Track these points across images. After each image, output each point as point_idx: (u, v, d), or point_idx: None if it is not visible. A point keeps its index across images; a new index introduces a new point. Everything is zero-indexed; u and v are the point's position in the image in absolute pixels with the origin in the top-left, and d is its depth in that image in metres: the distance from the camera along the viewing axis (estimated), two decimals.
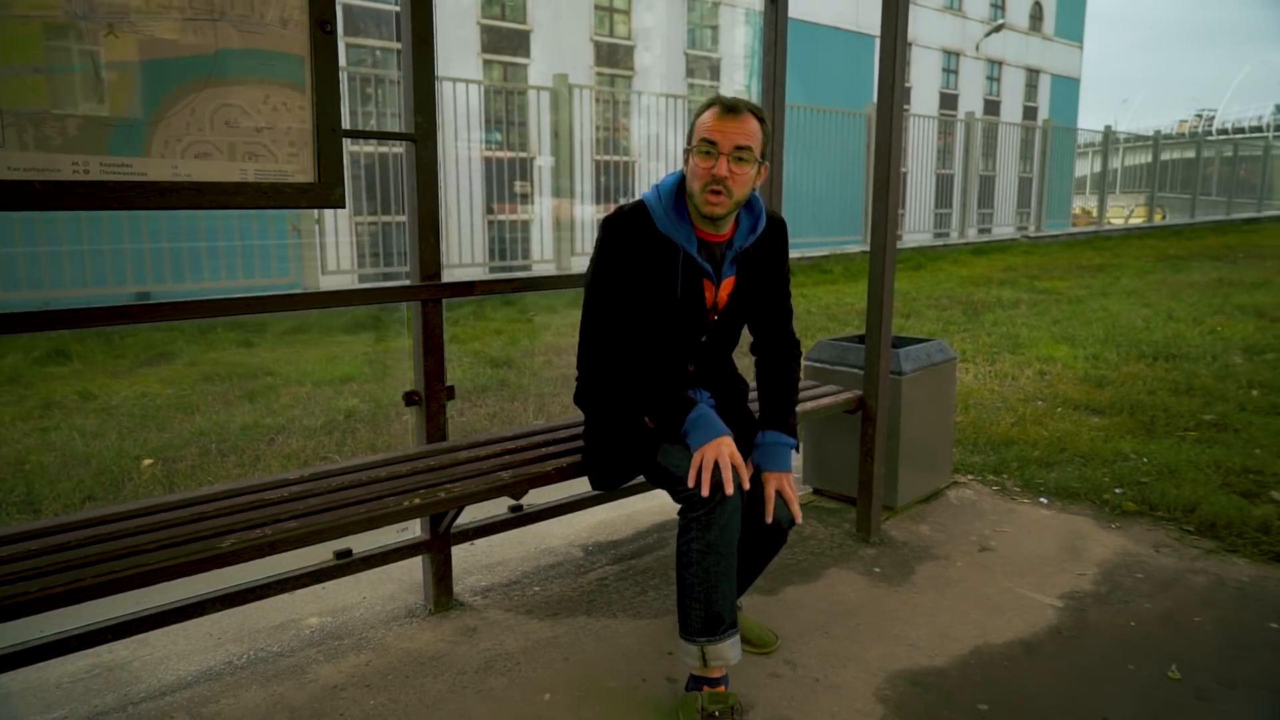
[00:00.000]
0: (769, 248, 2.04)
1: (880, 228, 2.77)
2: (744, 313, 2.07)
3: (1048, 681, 2.10)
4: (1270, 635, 2.32)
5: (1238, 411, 4.26)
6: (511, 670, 2.12)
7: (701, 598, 1.80)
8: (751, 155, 1.84)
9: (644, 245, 1.90)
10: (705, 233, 1.94)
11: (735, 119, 1.83)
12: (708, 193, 1.84)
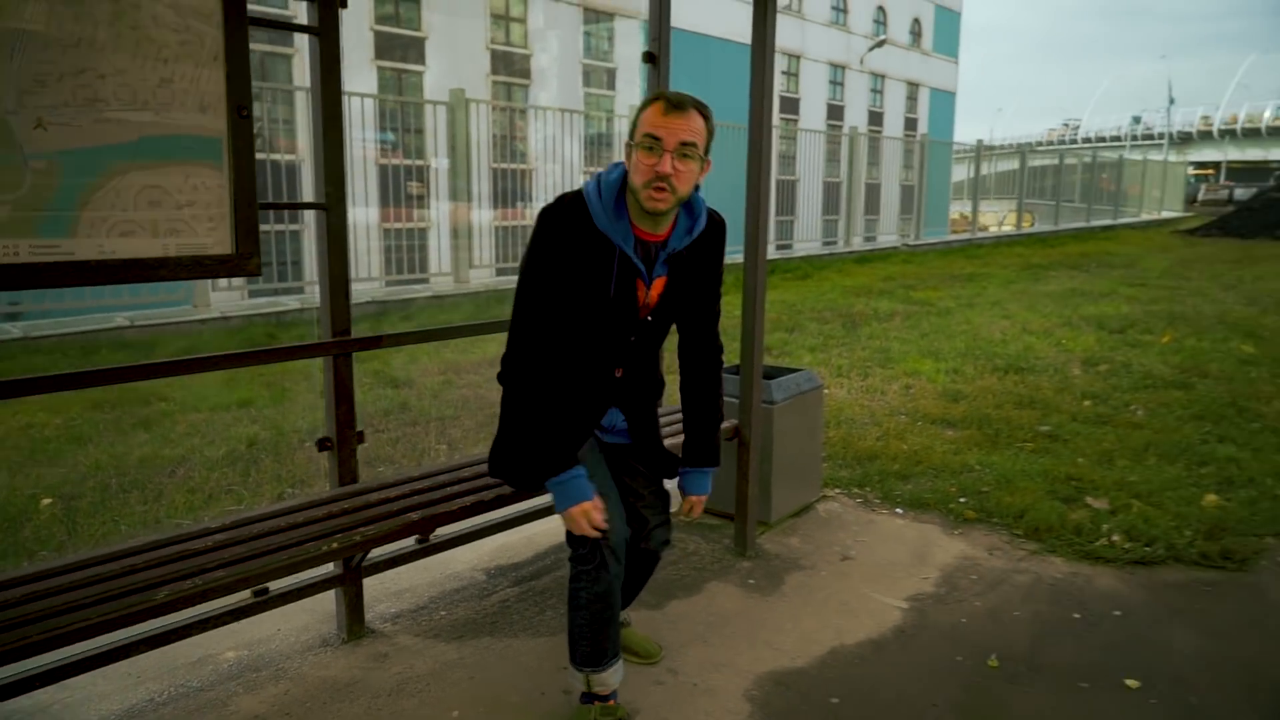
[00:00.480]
0: (704, 249, 2.05)
1: (751, 273, 3.11)
2: (674, 313, 2.08)
3: (890, 675, 2.46)
4: (1073, 624, 2.76)
5: (1070, 422, 4.82)
6: (422, 692, 2.34)
7: (589, 636, 2.05)
8: (696, 152, 1.85)
9: (580, 241, 1.89)
10: (643, 231, 1.94)
11: (680, 115, 1.83)
12: (651, 189, 1.83)
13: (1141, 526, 3.40)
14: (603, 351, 2.01)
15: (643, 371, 2.12)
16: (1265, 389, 5.60)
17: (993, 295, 10.56)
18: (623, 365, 2.06)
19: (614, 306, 1.94)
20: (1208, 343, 7.10)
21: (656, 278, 1.97)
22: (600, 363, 2.03)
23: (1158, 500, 3.67)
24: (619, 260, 1.89)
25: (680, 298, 2.05)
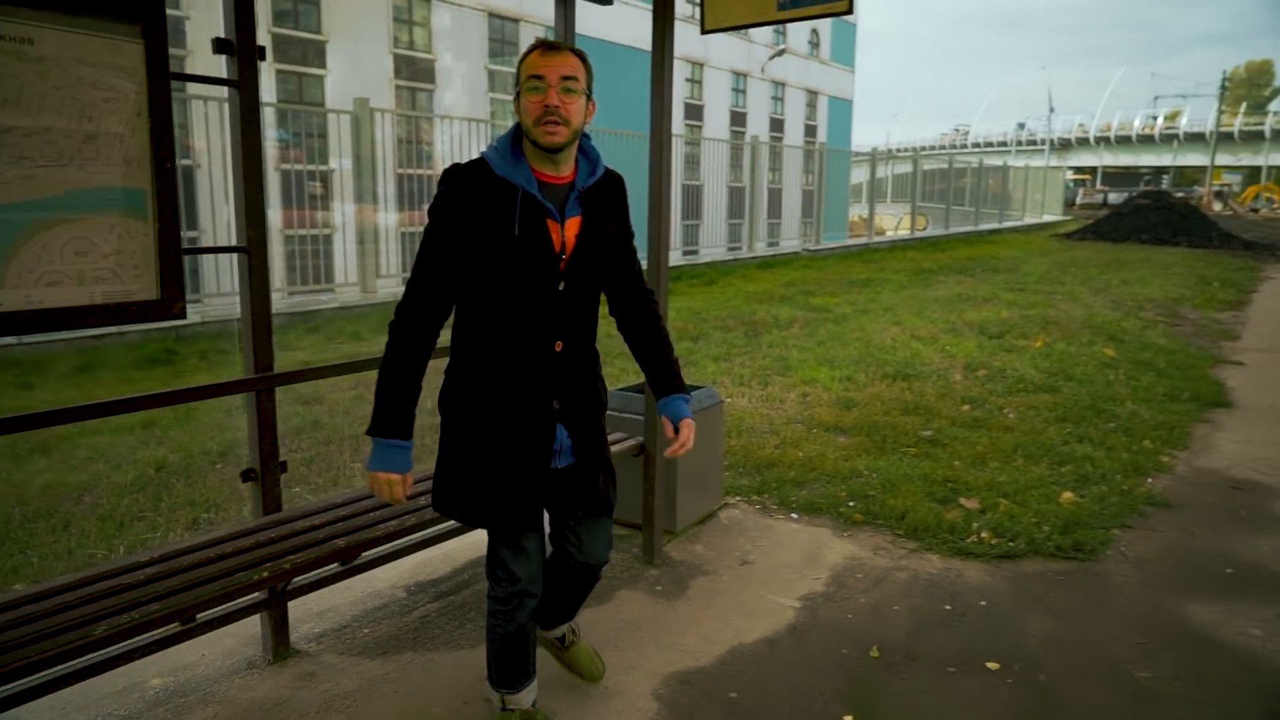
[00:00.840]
0: (611, 194, 2.08)
1: (655, 287, 3.33)
2: (597, 261, 2.06)
3: (783, 670, 2.72)
4: (945, 615, 3.08)
5: (950, 427, 5.23)
6: (349, 708, 2.48)
7: (504, 662, 2.21)
8: (578, 86, 1.91)
9: (480, 191, 1.92)
10: (545, 174, 1.97)
11: (558, 54, 1.90)
12: (544, 124, 1.88)
13: (1007, 524, 3.78)
14: (535, 309, 1.97)
15: (582, 351, 2.08)
16: (1121, 391, 6.16)
17: (886, 301, 11.12)
18: (560, 335, 2.01)
19: (525, 247, 1.93)
20: (1075, 347, 7.72)
21: (570, 217, 1.98)
22: (536, 329, 1.98)
23: (1022, 499, 4.07)
24: (522, 200, 1.91)
25: (598, 243, 2.04)
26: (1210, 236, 23.28)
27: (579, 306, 2.03)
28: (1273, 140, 72.62)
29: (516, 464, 2.02)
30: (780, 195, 24.57)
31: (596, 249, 2.04)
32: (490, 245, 1.91)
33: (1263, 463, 4.83)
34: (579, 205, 2.00)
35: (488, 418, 2.01)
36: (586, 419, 2.12)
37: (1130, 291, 12.16)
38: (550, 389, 2.03)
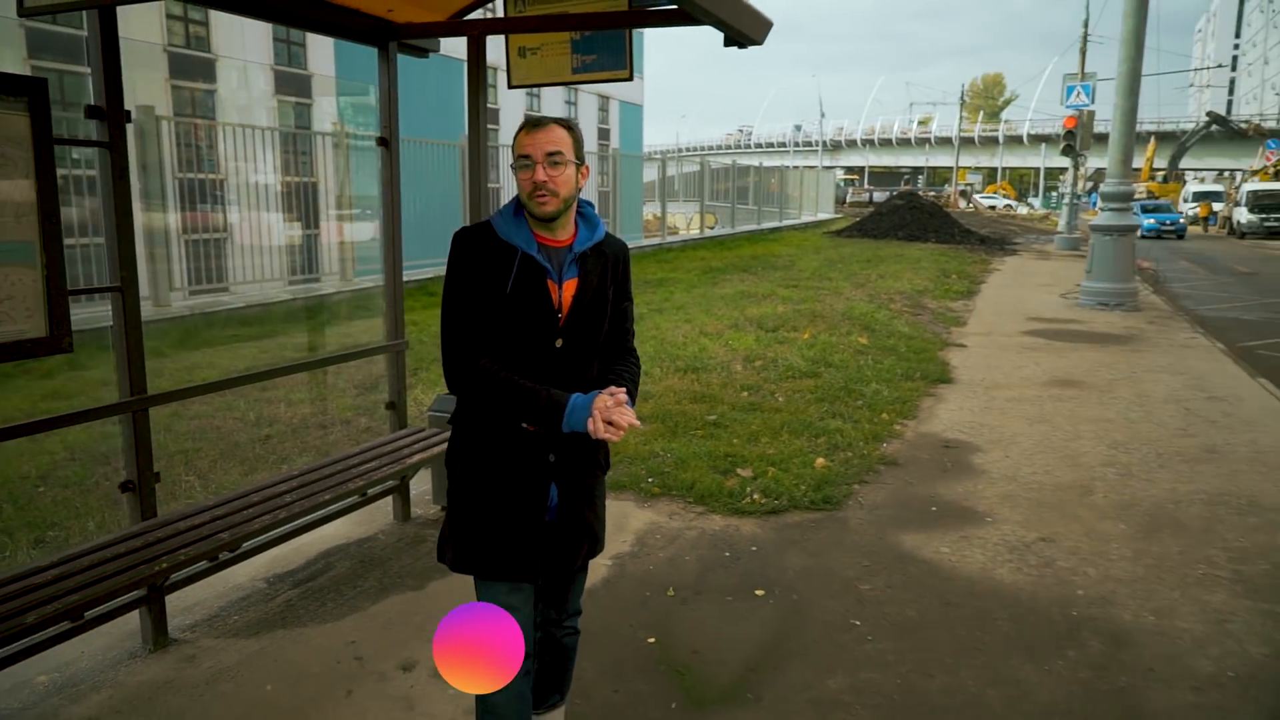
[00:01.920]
0: (611, 259, 2.17)
1: None
2: (595, 321, 2.13)
3: (600, 612, 3.38)
4: (724, 560, 3.88)
5: (730, 411, 6.13)
6: (235, 677, 2.89)
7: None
8: (564, 158, 2.02)
9: (485, 252, 2.06)
10: (545, 238, 2.09)
11: (541, 130, 2.03)
12: (535, 197, 2.02)
13: (774, 487, 4.66)
14: (533, 364, 2.06)
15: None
16: (868, 374, 7.37)
17: (678, 300, 12.13)
18: (558, 387, 2.06)
19: (521, 305, 2.03)
20: (835, 337, 8.98)
21: (567, 279, 2.09)
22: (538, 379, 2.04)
23: (786, 466, 4.98)
24: (520, 261, 2.04)
25: (595, 304, 2.12)
26: (953, 233, 26.50)
27: (576, 364, 2.10)
28: (1005, 145, 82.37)
29: (511, 517, 2.09)
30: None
31: (593, 309, 2.12)
32: (490, 302, 2.03)
33: (968, 426, 6.08)
34: (576, 267, 2.10)
35: (488, 471, 2.10)
36: (579, 477, 2.18)
37: (885, 285, 13.93)
38: (547, 443, 2.10)
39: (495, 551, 2.10)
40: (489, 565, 2.11)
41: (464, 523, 2.13)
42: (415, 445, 3.97)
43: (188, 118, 16.09)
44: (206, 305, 11.05)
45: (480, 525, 2.11)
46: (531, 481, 2.10)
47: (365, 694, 2.81)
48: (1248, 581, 3.70)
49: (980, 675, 2.97)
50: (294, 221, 13.46)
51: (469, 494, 2.13)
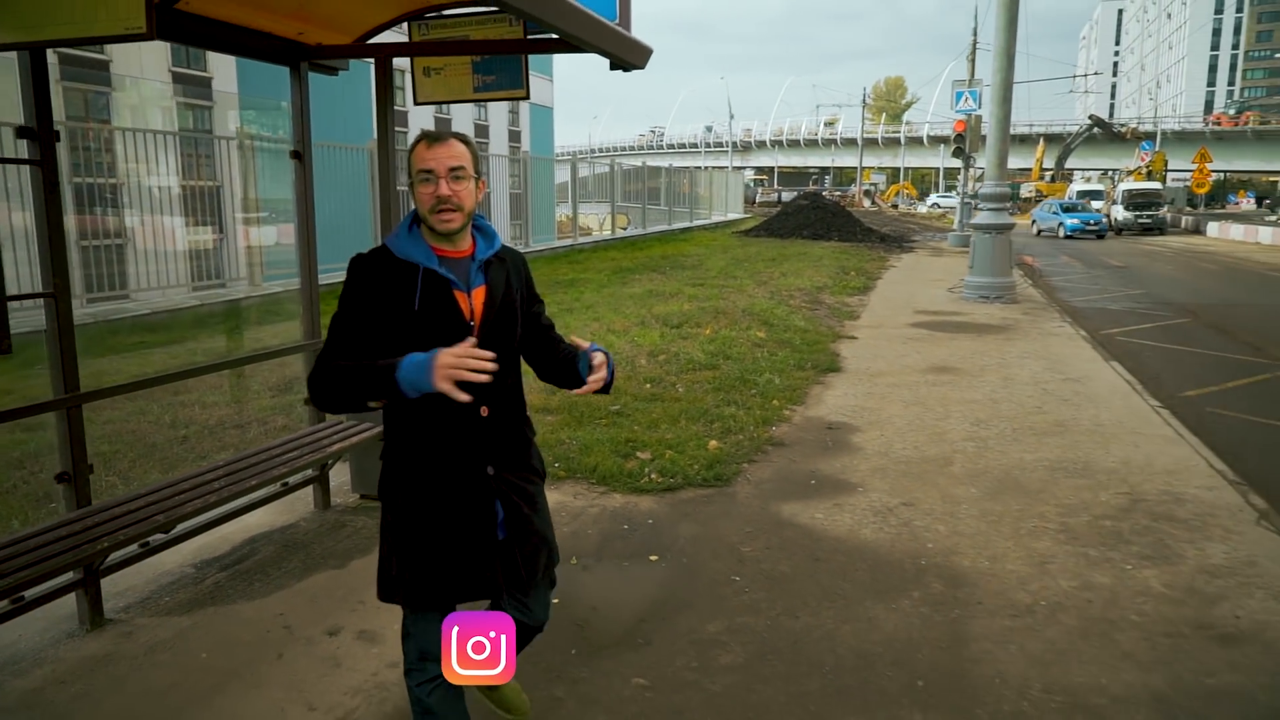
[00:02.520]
0: (511, 266, 2.20)
1: None
2: (509, 324, 2.15)
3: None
4: (624, 532, 4.29)
5: (634, 402, 6.57)
6: (172, 648, 3.16)
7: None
8: (466, 173, 2.03)
9: (382, 273, 2.03)
10: (444, 250, 2.08)
11: (442, 144, 2.02)
12: (439, 213, 2.01)
13: (670, 467, 5.10)
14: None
15: (510, 415, 2.18)
16: (763, 365, 7.91)
17: (588, 300, 12.53)
18: (485, 400, 2.06)
19: (431, 318, 2.03)
20: (735, 332, 9.52)
21: (475, 286, 2.09)
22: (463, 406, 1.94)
23: (682, 449, 5.44)
24: (423, 276, 2.03)
25: (506, 308, 2.14)
26: (855, 231, 27.63)
27: (499, 369, 1.99)
28: (907, 146, 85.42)
29: (462, 541, 2.09)
30: (489, 200, 25.56)
31: (506, 314, 2.14)
32: (397, 322, 2.01)
33: (850, 410, 6.65)
34: (482, 274, 2.11)
35: (428, 498, 2.08)
36: (520, 486, 2.20)
37: (786, 283, 14.61)
38: (483, 454, 2.10)
39: (450, 581, 2.07)
40: (446, 596, 2.09)
41: (411, 557, 2.09)
42: (334, 436, 4.26)
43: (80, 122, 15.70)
44: (109, 313, 10.92)
45: (430, 556, 2.07)
46: (475, 499, 2.09)
47: (295, 655, 3.13)
48: (1070, 531, 4.31)
49: (838, 615, 3.46)
50: (198, 226, 13.32)
51: (412, 526, 2.09)
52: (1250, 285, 16.71)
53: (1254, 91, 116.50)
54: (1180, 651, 3.18)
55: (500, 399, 2.13)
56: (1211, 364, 9.04)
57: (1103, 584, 3.72)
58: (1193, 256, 23.45)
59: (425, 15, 4.16)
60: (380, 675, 3.01)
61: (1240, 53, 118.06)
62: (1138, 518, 4.47)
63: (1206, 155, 39.21)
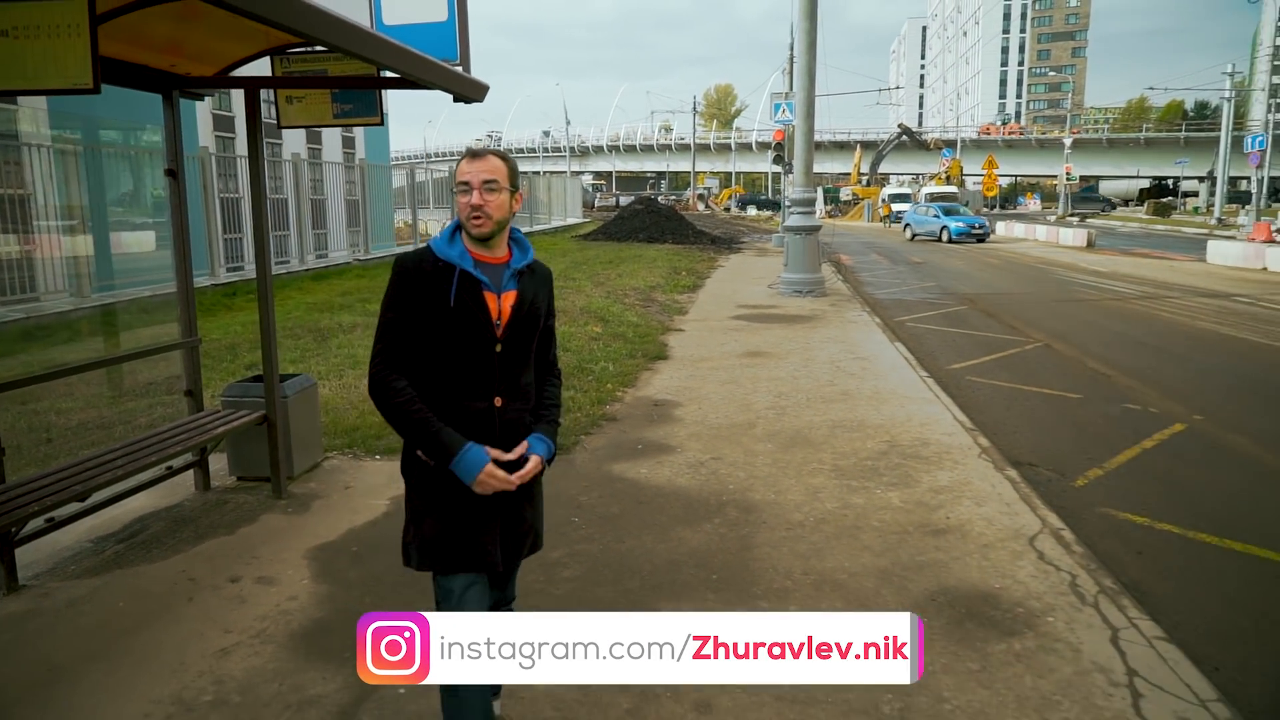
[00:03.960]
0: (540, 277, 2.44)
1: (264, 299, 4.78)
2: (529, 328, 2.38)
3: (381, 536, 4.42)
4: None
5: None
6: (90, 600, 3.66)
7: None
8: (499, 185, 2.28)
9: (424, 271, 2.29)
10: (481, 255, 2.33)
11: (479, 160, 2.29)
12: (472, 219, 2.27)
13: None
14: (477, 367, 2.31)
15: (520, 408, 2.40)
16: (599, 355, 8.81)
17: None
18: (500, 392, 2.33)
19: (463, 314, 2.28)
20: (574, 328, 10.38)
21: (506, 290, 2.33)
22: (479, 385, 2.30)
23: None
24: (459, 277, 2.28)
25: (530, 314, 2.37)
26: (688, 234, 29.18)
27: (515, 366, 2.36)
28: (738, 151, 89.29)
29: (468, 513, 2.34)
30: (324, 207, 25.25)
31: (529, 319, 2.37)
32: (435, 315, 2.27)
33: (674, 389, 7.65)
34: (514, 281, 2.36)
35: (441, 474, 2.32)
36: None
37: (622, 283, 15.63)
38: (492, 441, 2.33)
39: (455, 546, 2.34)
40: (449, 560, 2.35)
41: (424, 524, 2.37)
42: (216, 422, 4.78)
43: None
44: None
45: (440, 523, 2.35)
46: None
47: (204, 598, 3.71)
48: (839, 470, 5.43)
49: (655, 538, 4.36)
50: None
51: (426, 497, 2.37)
52: (1022, 276, 19.22)
53: (1038, 104, 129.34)
54: (903, 543, 4.29)
55: (514, 392, 2.38)
56: (977, 342, 10.72)
57: (857, 503, 4.82)
58: (981, 253, 26.38)
59: (287, 51, 4.76)
60: (282, 605, 3.65)
61: (1025, 68, 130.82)
62: (892, 458, 5.66)
63: (994, 162, 43.77)
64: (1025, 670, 3.15)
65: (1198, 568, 4.30)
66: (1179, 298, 15.10)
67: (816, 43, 14.13)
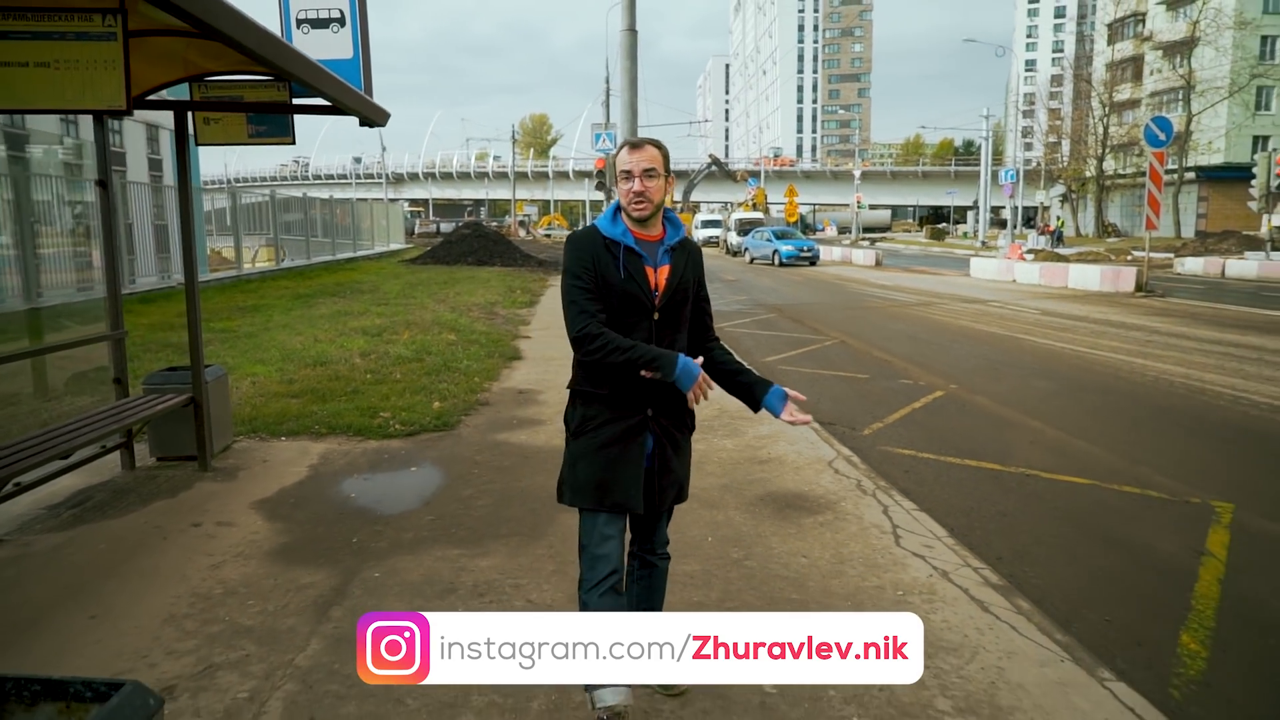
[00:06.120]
0: (690, 253, 2.68)
1: (191, 300, 5.43)
2: (682, 298, 2.63)
3: (307, 490, 5.20)
4: (387, 459, 5.88)
5: (363, 384, 8.03)
6: (72, 546, 4.25)
7: None
8: (657, 173, 2.54)
9: (594, 247, 2.55)
10: (640, 233, 2.58)
11: (639, 151, 2.54)
12: (633, 203, 2.53)
13: (408, 420, 6.74)
14: (636, 333, 2.53)
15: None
16: (461, 356, 9.70)
17: (280, 320, 13.35)
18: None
19: (628, 287, 2.53)
20: (429, 336, 11.18)
21: (661, 265, 2.59)
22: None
23: (414, 410, 7.08)
24: (624, 253, 2.54)
25: (682, 285, 2.63)
26: (515, 257, 30.11)
27: (669, 332, 2.61)
28: (555, 179, 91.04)
29: (614, 461, 2.55)
30: (130, 232, 24.20)
31: (681, 290, 2.63)
32: (604, 284, 2.52)
33: (533, 381, 8.70)
34: (668, 257, 2.61)
35: (598, 423, 2.57)
36: (671, 432, 2.65)
37: (462, 300, 16.43)
38: (646, 398, 2.57)
39: (600, 489, 2.55)
40: (595, 500, 2.56)
41: (576, 466, 2.60)
42: (141, 407, 5.37)
43: None
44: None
45: (584, 466, 2.57)
46: (630, 431, 2.56)
47: (177, 537, 4.40)
48: None
49: (542, 479, 5.39)
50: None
51: (581, 443, 2.60)
52: (821, 290, 21.65)
53: (831, 139, 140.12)
54: (738, 469, 5.58)
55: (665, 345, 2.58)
56: (786, 341, 12.44)
57: (699, 449, 6.03)
58: (786, 273, 29.06)
59: (205, 78, 5.49)
60: (249, 537, 4.41)
61: (819, 105, 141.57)
62: (723, 419, 6.98)
63: (794, 191, 47.62)
64: (826, 529, 4.48)
65: (945, 477, 5.85)
66: (946, 303, 17.78)
67: (637, 80, 15.66)
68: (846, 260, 35.16)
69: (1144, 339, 12.36)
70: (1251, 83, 48.08)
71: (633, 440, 2.56)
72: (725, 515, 4.74)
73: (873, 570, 4.00)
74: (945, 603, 3.65)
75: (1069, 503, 5.26)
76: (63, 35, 3.40)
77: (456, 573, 3.94)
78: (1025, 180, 52.62)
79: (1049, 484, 5.61)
